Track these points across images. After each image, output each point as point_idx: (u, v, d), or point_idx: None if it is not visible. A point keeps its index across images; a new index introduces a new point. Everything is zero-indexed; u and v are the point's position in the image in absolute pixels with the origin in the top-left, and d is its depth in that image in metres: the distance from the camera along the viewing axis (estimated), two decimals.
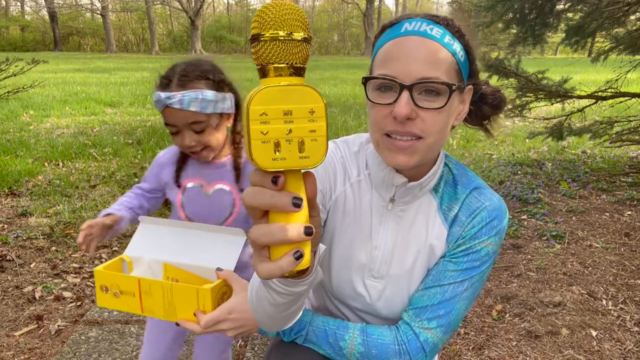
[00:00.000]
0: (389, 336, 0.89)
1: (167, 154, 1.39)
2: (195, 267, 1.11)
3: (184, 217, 1.34)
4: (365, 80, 0.83)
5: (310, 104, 0.43)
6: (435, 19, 0.82)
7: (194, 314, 0.97)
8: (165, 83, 1.20)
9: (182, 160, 1.35)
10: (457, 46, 0.81)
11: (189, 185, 1.33)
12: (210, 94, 1.20)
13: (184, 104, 1.17)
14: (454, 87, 0.78)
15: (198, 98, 1.19)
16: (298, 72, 0.44)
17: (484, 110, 0.95)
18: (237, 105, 1.29)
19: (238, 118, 1.31)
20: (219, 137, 1.27)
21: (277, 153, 0.42)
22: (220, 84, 1.25)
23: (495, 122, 0.98)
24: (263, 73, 0.44)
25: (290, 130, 0.42)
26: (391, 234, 0.93)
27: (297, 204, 0.44)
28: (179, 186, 1.34)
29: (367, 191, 0.95)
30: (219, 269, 1.02)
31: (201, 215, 1.33)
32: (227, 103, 1.26)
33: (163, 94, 1.17)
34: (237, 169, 1.31)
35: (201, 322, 0.93)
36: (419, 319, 0.90)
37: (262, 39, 0.43)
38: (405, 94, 0.77)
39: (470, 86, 0.87)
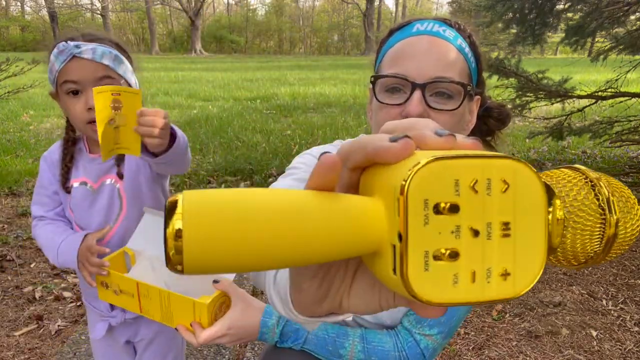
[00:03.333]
0: (389, 343, 0.88)
1: (55, 152, 1.19)
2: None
3: (76, 228, 1.17)
4: (374, 79, 0.79)
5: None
6: (447, 22, 0.80)
7: (191, 325, 0.95)
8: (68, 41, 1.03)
9: (70, 157, 1.16)
10: (469, 51, 0.79)
11: (75, 185, 1.15)
12: (121, 56, 1.07)
13: (96, 54, 1.02)
14: (468, 88, 0.75)
15: (112, 53, 1.05)
16: None
17: (489, 124, 0.92)
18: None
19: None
20: None
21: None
22: (129, 58, 1.11)
23: (499, 139, 0.94)
24: None
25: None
26: None
27: None
28: (68, 191, 1.15)
29: None
30: (215, 281, 0.98)
31: (87, 217, 1.16)
32: (135, 78, 1.12)
33: (71, 42, 1.01)
34: (119, 165, 1.16)
35: (199, 339, 0.91)
36: (420, 326, 0.89)
37: None
38: (417, 93, 0.73)
39: (478, 97, 0.84)
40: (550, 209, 0.28)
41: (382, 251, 0.27)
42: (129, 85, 1.12)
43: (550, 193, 0.28)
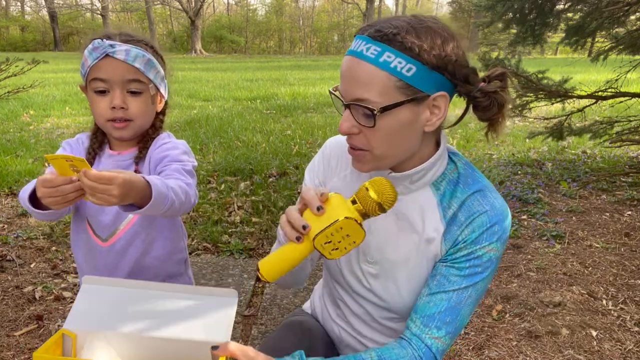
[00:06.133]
0: (406, 356, 0.89)
1: (82, 139, 1.19)
2: (176, 342, 0.82)
3: (87, 224, 1.17)
4: (331, 93, 0.92)
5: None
6: (377, 35, 0.81)
7: None
8: (104, 39, 1.06)
9: (99, 144, 1.15)
10: (398, 62, 0.79)
11: None
12: (154, 60, 1.10)
13: (129, 56, 1.04)
14: (375, 112, 0.80)
15: (145, 57, 1.07)
16: None
17: (486, 107, 0.87)
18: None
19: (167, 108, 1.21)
20: (147, 113, 1.12)
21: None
22: (162, 63, 1.14)
23: (502, 121, 0.91)
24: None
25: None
26: (382, 222, 0.96)
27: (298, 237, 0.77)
28: None
29: (358, 181, 0.99)
30: (214, 348, 0.81)
31: (97, 213, 1.14)
32: (164, 83, 1.14)
33: (106, 41, 1.03)
34: (138, 163, 1.14)
35: None
36: (428, 329, 0.90)
37: None
38: (346, 112, 0.85)
39: (442, 92, 0.83)
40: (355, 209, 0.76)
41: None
42: (158, 90, 1.14)
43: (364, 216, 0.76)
